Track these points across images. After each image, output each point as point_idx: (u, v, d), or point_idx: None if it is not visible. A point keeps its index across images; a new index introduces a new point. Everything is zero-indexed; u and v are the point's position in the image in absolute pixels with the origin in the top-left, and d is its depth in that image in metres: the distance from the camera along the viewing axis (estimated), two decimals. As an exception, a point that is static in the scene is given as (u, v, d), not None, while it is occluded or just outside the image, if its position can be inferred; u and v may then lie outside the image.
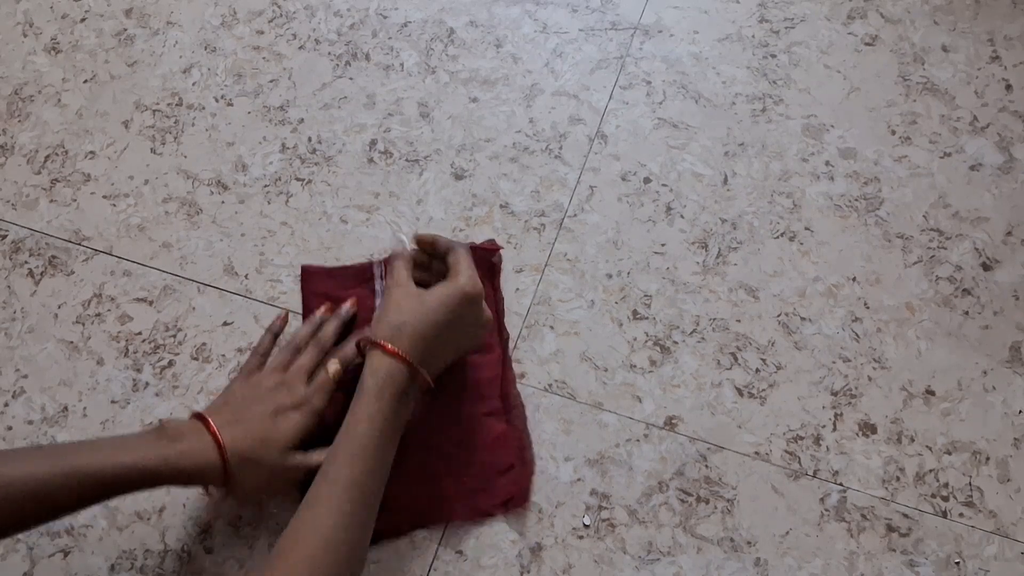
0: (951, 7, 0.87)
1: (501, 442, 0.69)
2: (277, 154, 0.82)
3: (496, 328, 0.73)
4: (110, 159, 0.82)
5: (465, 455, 0.68)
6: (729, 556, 0.66)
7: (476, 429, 0.69)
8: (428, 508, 0.67)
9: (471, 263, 0.66)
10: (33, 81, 0.86)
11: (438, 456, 0.68)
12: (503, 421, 0.70)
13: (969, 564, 0.66)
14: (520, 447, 0.69)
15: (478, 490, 0.67)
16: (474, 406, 0.70)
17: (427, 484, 0.67)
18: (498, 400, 0.70)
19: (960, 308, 0.74)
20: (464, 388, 0.70)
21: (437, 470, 0.68)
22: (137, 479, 0.57)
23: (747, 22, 0.87)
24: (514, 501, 0.67)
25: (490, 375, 0.71)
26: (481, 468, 0.68)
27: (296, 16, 0.88)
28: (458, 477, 0.67)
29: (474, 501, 0.67)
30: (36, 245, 0.78)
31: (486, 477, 0.68)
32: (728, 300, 0.75)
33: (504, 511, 0.67)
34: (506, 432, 0.69)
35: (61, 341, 0.74)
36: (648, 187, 0.79)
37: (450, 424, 0.69)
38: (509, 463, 0.68)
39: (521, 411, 0.70)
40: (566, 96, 0.83)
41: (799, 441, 0.70)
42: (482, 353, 0.71)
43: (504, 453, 0.68)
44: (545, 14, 0.88)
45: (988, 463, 0.69)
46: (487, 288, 0.73)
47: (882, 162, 0.80)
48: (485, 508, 0.67)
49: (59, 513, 0.57)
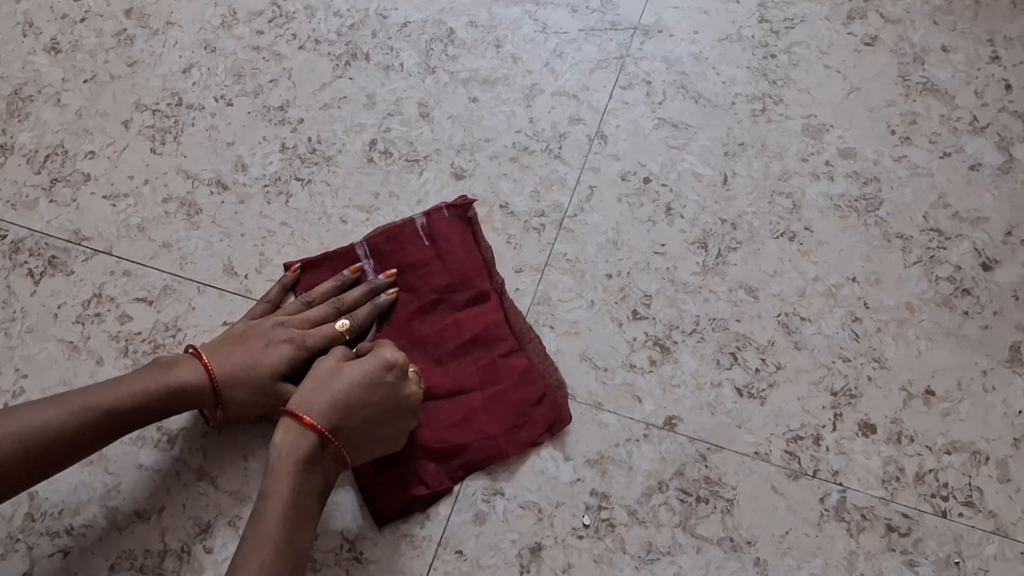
0: (951, 7, 0.87)
1: (527, 376, 0.71)
2: (277, 154, 0.82)
3: (488, 277, 0.75)
4: (110, 159, 0.82)
5: (498, 399, 0.70)
6: (729, 556, 0.66)
7: (500, 372, 0.71)
8: (479, 453, 0.69)
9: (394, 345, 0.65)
10: (33, 81, 0.86)
11: (474, 409, 0.70)
12: (522, 356, 0.72)
13: (969, 564, 0.66)
14: (546, 374, 0.71)
15: (520, 425, 0.70)
16: (491, 352, 0.72)
17: (473, 433, 0.69)
18: (511, 339, 0.72)
19: (960, 308, 0.74)
20: (475, 341, 0.72)
21: (477, 420, 0.70)
22: (144, 409, 0.60)
23: (747, 22, 0.87)
24: (556, 425, 0.70)
25: (494, 319, 0.73)
26: (517, 405, 0.70)
27: (296, 16, 0.88)
28: (499, 419, 0.70)
29: (519, 436, 0.69)
30: (36, 245, 0.78)
31: (524, 411, 0.70)
32: (728, 300, 0.75)
33: (550, 436, 0.70)
34: (528, 366, 0.71)
35: (61, 341, 0.74)
36: (648, 187, 0.79)
37: (474, 377, 0.71)
38: (541, 392, 0.71)
39: (537, 342, 0.73)
40: (566, 96, 0.83)
41: (799, 441, 0.70)
42: (482, 301, 0.74)
43: (533, 385, 0.71)
44: (545, 14, 0.88)
45: (988, 463, 0.69)
46: (468, 242, 0.76)
47: (882, 162, 0.80)
48: (532, 439, 0.69)
49: (77, 456, 0.60)
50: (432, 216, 0.77)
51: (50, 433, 0.57)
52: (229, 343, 0.66)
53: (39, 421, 0.57)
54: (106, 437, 0.60)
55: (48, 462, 0.58)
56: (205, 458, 0.70)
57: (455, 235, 0.76)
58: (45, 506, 0.68)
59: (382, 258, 0.76)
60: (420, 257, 0.75)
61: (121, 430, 0.61)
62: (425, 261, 0.75)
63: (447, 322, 0.73)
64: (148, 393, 0.60)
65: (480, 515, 0.68)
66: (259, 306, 0.72)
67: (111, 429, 0.60)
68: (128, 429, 0.61)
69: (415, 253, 0.75)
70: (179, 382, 0.61)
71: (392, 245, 0.76)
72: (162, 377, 0.61)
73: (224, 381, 0.63)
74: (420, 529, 0.67)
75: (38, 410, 0.58)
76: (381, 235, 0.77)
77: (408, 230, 0.77)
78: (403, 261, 0.75)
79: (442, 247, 0.75)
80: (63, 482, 0.69)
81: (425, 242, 0.76)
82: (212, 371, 0.63)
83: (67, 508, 0.68)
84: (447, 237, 0.76)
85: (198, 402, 0.63)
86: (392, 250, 0.76)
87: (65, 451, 0.59)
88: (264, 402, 0.65)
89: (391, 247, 0.76)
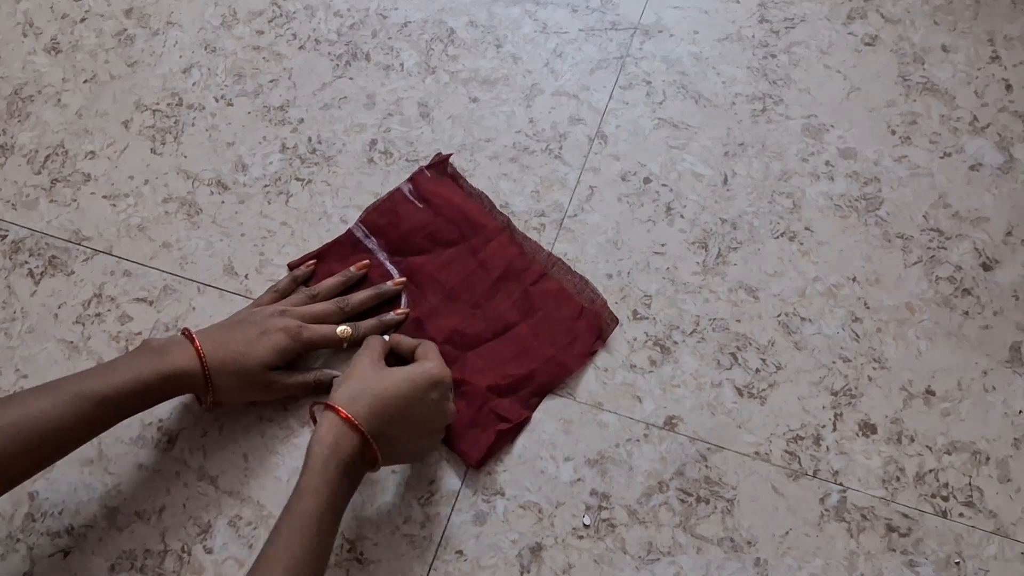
0: (951, 7, 0.87)
1: (561, 296, 0.73)
2: (277, 154, 0.82)
3: (492, 217, 0.76)
4: (110, 159, 0.82)
5: (542, 324, 0.73)
6: (729, 556, 0.66)
7: (535, 300, 0.73)
8: (545, 376, 0.71)
9: (439, 354, 0.66)
10: (33, 81, 0.86)
11: (525, 338, 0.72)
12: (550, 280, 0.74)
13: (969, 564, 0.66)
14: (578, 291, 0.74)
15: (572, 341, 0.72)
16: (520, 284, 0.74)
17: (533, 361, 0.71)
18: (535, 266, 0.75)
19: (960, 308, 0.74)
20: (503, 278, 0.74)
21: (532, 347, 0.72)
22: (140, 395, 0.60)
23: (747, 22, 0.87)
24: (606, 331, 0.73)
25: (513, 252, 0.75)
26: (561, 324, 0.72)
27: (296, 16, 0.88)
28: (550, 342, 0.72)
29: (574, 350, 0.72)
30: (36, 245, 0.78)
31: (570, 328, 0.72)
32: (728, 300, 0.75)
33: (603, 343, 0.72)
34: (559, 286, 0.74)
35: (61, 341, 0.74)
36: (648, 187, 0.79)
37: (513, 312, 0.73)
38: (579, 308, 0.73)
39: (561, 263, 0.75)
40: (566, 96, 0.83)
41: (799, 441, 0.70)
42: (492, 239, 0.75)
43: (569, 303, 0.73)
44: (545, 14, 0.88)
45: (988, 463, 0.69)
46: (460, 193, 0.77)
47: (882, 162, 0.80)
48: (586, 351, 0.72)
49: (73, 445, 0.60)
50: (417, 180, 0.78)
51: (46, 424, 0.57)
52: (225, 328, 0.66)
53: (35, 412, 0.57)
54: (102, 425, 0.60)
55: (45, 453, 0.58)
56: (205, 458, 0.70)
57: (444, 190, 0.78)
58: (45, 506, 0.68)
59: (382, 232, 0.77)
60: (419, 219, 0.77)
61: (116, 417, 0.61)
62: (426, 221, 0.76)
63: (471, 267, 0.74)
64: (141, 379, 0.60)
65: (480, 515, 0.68)
66: (266, 295, 0.72)
67: (106, 416, 0.60)
68: (123, 416, 0.61)
69: (413, 217, 0.77)
70: (172, 367, 0.62)
71: (388, 218, 0.77)
72: (155, 362, 0.61)
73: (215, 367, 0.63)
74: (420, 529, 0.67)
75: (32, 401, 0.58)
76: (374, 212, 0.78)
77: (398, 198, 0.78)
78: (404, 228, 0.76)
79: (436, 203, 0.77)
80: (63, 482, 0.69)
81: (418, 205, 0.77)
82: (204, 356, 0.63)
83: (67, 508, 0.68)
84: (438, 193, 0.77)
85: (190, 387, 0.64)
86: (389, 222, 0.77)
87: (62, 441, 0.59)
88: (254, 390, 0.66)
89: (387, 219, 0.77)
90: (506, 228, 0.76)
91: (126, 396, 0.60)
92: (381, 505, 0.68)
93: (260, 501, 0.68)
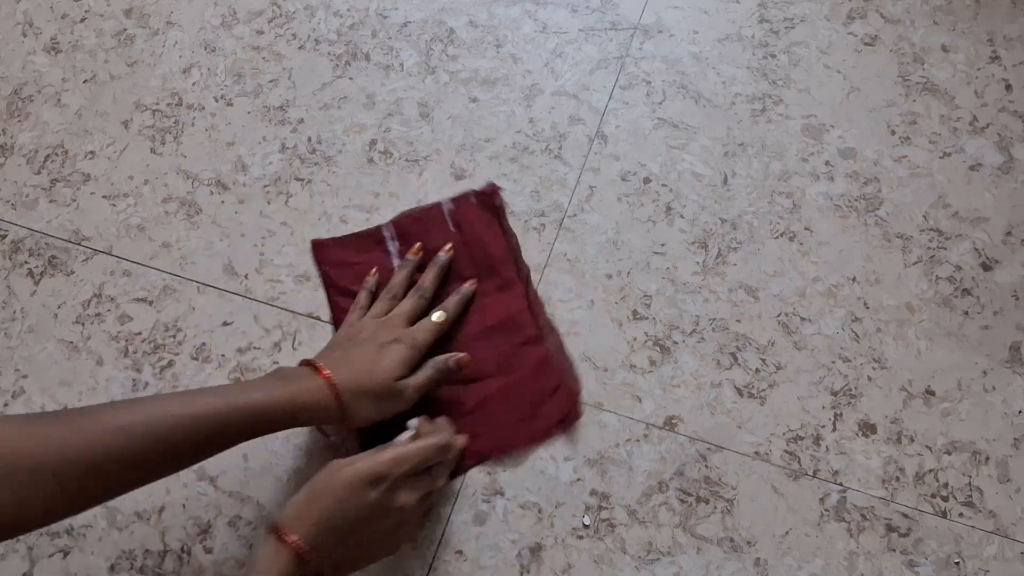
0: (951, 7, 0.87)
1: (543, 366, 0.71)
2: (277, 154, 0.82)
3: (514, 265, 0.75)
4: (110, 159, 0.82)
5: (514, 387, 0.70)
6: (729, 556, 0.66)
7: (518, 360, 0.71)
8: (489, 443, 0.69)
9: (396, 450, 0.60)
10: (33, 81, 0.86)
11: (490, 396, 0.70)
12: (541, 347, 0.72)
13: (969, 564, 0.66)
14: (562, 367, 0.71)
15: (532, 418, 0.69)
16: (510, 339, 0.72)
17: (484, 424, 0.69)
18: (532, 328, 0.72)
19: (960, 308, 0.74)
20: (497, 328, 0.72)
21: (490, 408, 0.70)
22: (264, 419, 0.58)
23: (747, 22, 0.87)
24: (569, 418, 0.70)
25: (517, 307, 0.73)
26: (531, 394, 0.70)
27: (296, 16, 0.88)
28: (511, 410, 0.70)
29: (531, 428, 0.69)
30: (36, 245, 0.78)
31: (537, 402, 0.70)
32: (728, 300, 0.75)
33: (562, 429, 0.70)
34: (546, 356, 0.71)
35: (61, 341, 0.74)
36: (648, 187, 0.79)
37: (492, 364, 0.71)
38: (556, 384, 0.71)
39: (556, 335, 0.73)
40: (566, 96, 0.83)
41: (799, 441, 0.70)
42: (502, 290, 0.74)
43: (548, 375, 0.71)
44: (545, 14, 0.88)
45: (988, 463, 0.69)
46: (495, 230, 0.76)
47: (882, 162, 0.80)
48: (543, 431, 0.70)
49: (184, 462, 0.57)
50: (459, 202, 0.77)
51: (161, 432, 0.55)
52: (342, 352, 0.64)
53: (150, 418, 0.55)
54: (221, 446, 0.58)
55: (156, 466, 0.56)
56: (205, 458, 0.70)
57: (481, 223, 0.76)
58: (45, 506, 0.68)
59: (408, 241, 0.76)
60: (444, 242, 0.75)
61: (237, 440, 0.58)
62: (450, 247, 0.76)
63: (472, 307, 0.73)
64: (268, 406, 0.58)
65: (480, 515, 0.68)
66: (353, 314, 0.70)
67: (226, 439, 0.57)
68: (244, 439, 0.58)
69: (441, 238, 0.76)
70: (309, 396, 0.60)
71: (418, 228, 0.76)
72: (285, 390, 0.59)
73: (348, 393, 0.61)
74: (420, 529, 0.67)
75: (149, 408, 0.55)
76: (408, 217, 0.77)
77: (435, 214, 0.77)
78: (428, 245, 0.75)
79: (468, 234, 0.76)
80: (63, 482, 0.69)
81: (451, 228, 0.76)
82: (336, 384, 0.61)
83: (67, 508, 0.68)
84: (473, 224, 0.76)
85: (323, 417, 0.61)
86: (418, 233, 0.76)
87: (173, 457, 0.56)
88: (388, 405, 0.63)
89: (417, 229, 0.76)
90: (522, 281, 0.74)
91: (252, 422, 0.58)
92: (381, 505, 0.68)
93: (260, 501, 0.68)
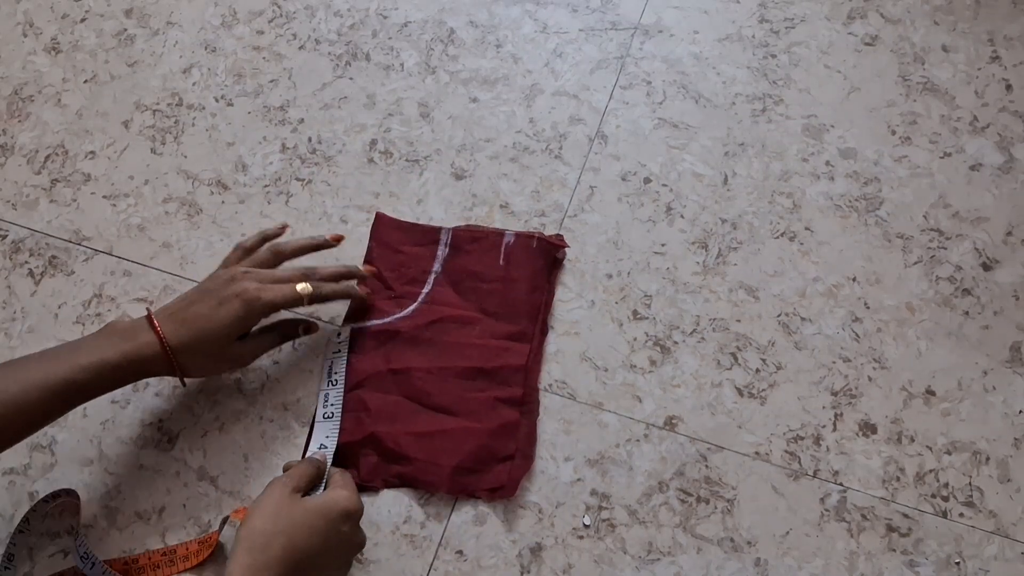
0: (951, 7, 0.87)
1: (508, 430, 0.69)
2: (277, 154, 0.82)
3: (538, 323, 0.73)
4: (110, 159, 0.82)
5: (470, 434, 0.69)
6: (729, 556, 0.66)
7: (487, 413, 0.69)
8: (420, 474, 0.68)
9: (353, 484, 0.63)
10: (33, 81, 0.86)
11: (442, 431, 0.69)
12: (516, 411, 0.70)
13: (969, 564, 0.66)
14: (525, 441, 0.69)
15: (472, 470, 0.68)
16: (493, 390, 0.70)
17: (425, 452, 0.68)
18: (519, 389, 0.70)
19: (960, 308, 0.74)
20: (484, 373, 0.71)
21: (437, 443, 0.68)
22: (108, 378, 0.61)
23: (747, 22, 0.87)
24: (502, 491, 0.67)
25: (517, 364, 0.71)
26: (482, 450, 0.68)
27: (296, 16, 0.88)
28: (456, 454, 0.68)
29: (464, 479, 0.68)
30: (36, 245, 0.79)
31: (484, 460, 0.68)
32: (728, 300, 0.75)
33: (489, 498, 0.67)
34: (516, 422, 0.69)
35: (61, 341, 0.74)
36: (648, 187, 0.79)
37: (461, 404, 0.70)
38: (510, 452, 0.68)
39: (536, 408, 0.71)
40: (566, 96, 0.84)
41: (799, 441, 0.70)
42: (518, 340, 0.72)
43: (507, 442, 0.69)
44: (545, 14, 0.88)
45: (988, 463, 0.69)
46: (540, 282, 0.74)
47: (882, 162, 0.80)
48: (472, 489, 0.67)
49: (37, 426, 0.60)
50: (521, 239, 0.76)
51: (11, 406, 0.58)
52: (186, 302, 0.64)
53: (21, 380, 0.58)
54: (69, 406, 0.61)
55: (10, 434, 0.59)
56: (205, 458, 0.70)
57: (532, 268, 0.75)
58: (45, 506, 0.68)
59: (457, 253, 0.76)
60: (487, 271, 0.75)
61: (84, 399, 0.61)
62: (489, 280, 0.74)
63: (474, 342, 0.72)
64: (108, 363, 0.60)
65: (480, 515, 0.68)
66: (233, 253, 0.70)
67: (72, 400, 0.60)
68: (86, 398, 0.61)
69: (486, 265, 0.75)
70: (139, 352, 0.61)
71: (471, 246, 0.76)
72: (121, 346, 0.61)
73: (178, 348, 0.62)
74: (420, 529, 0.67)
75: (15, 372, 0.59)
76: (468, 232, 0.76)
77: (494, 242, 0.76)
78: (471, 266, 0.75)
79: (514, 272, 0.74)
80: (63, 482, 0.69)
81: (500, 259, 0.75)
82: (166, 340, 0.62)
83: (67, 508, 0.68)
84: (523, 265, 0.75)
85: (157, 370, 0.63)
86: (469, 250, 0.76)
87: (26, 423, 0.59)
88: (222, 364, 0.67)
89: (471, 248, 0.76)
90: (537, 340, 0.73)
91: (95, 381, 0.60)
92: (381, 505, 0.68)
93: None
